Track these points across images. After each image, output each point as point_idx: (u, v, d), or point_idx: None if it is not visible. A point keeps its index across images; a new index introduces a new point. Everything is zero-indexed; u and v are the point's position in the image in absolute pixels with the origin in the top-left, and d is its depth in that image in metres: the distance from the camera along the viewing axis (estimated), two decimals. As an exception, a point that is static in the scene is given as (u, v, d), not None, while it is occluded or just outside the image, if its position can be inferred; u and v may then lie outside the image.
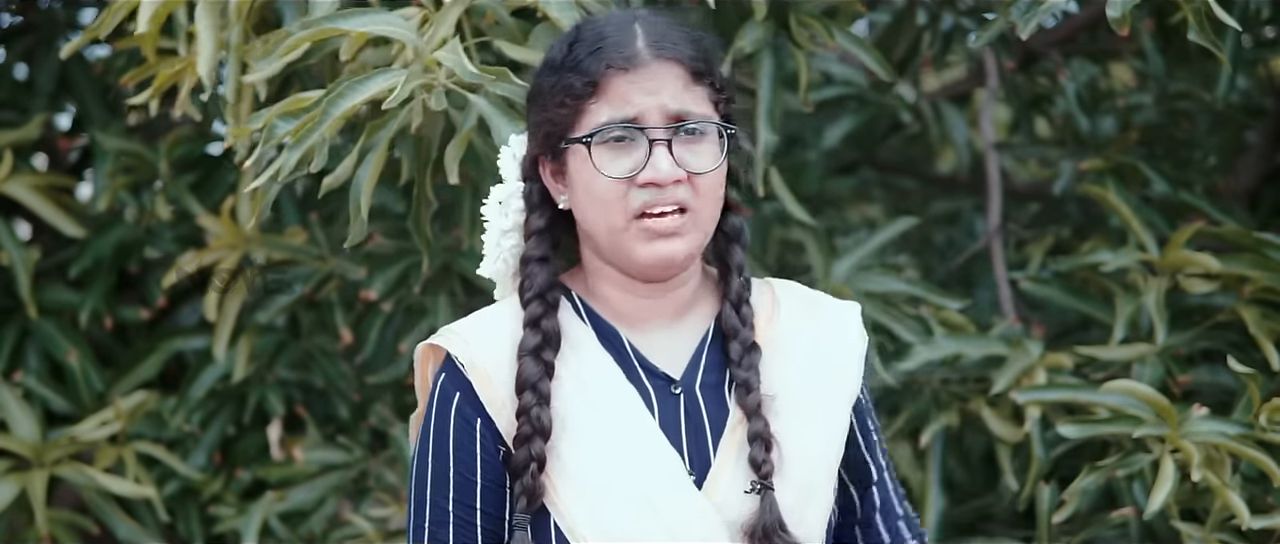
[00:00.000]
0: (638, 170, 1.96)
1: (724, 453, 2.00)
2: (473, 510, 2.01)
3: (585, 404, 2.00)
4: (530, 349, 2.00)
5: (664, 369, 2.04)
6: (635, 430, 1.99)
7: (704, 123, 1.98)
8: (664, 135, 1.96)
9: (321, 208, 3.40)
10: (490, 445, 2.02)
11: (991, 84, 3.69)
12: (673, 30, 2.01)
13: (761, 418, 1.99)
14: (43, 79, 3.68)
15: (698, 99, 2.00)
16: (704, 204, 2.00)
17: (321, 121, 2.24)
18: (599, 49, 1.98)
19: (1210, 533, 2.77)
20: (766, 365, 2.04)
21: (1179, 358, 3.06)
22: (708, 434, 2.01)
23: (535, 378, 1.99)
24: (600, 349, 2.04)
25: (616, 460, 1.98)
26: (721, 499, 1.98)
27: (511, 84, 2.26)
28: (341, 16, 2.34)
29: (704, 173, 1.98)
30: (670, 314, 2.07)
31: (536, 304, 2.03)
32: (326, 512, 3.39)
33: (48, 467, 3.34)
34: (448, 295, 3.27)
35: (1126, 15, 2.43)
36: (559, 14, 2.34)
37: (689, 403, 2.03)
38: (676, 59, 1.98)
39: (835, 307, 2.14)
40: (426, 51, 2.31)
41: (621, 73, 1.97)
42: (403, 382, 3.50)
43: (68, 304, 3.54)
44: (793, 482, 2.00)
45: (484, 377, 2.01)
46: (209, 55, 2.58)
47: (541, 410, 1.98)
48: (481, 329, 2.06)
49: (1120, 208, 3.16)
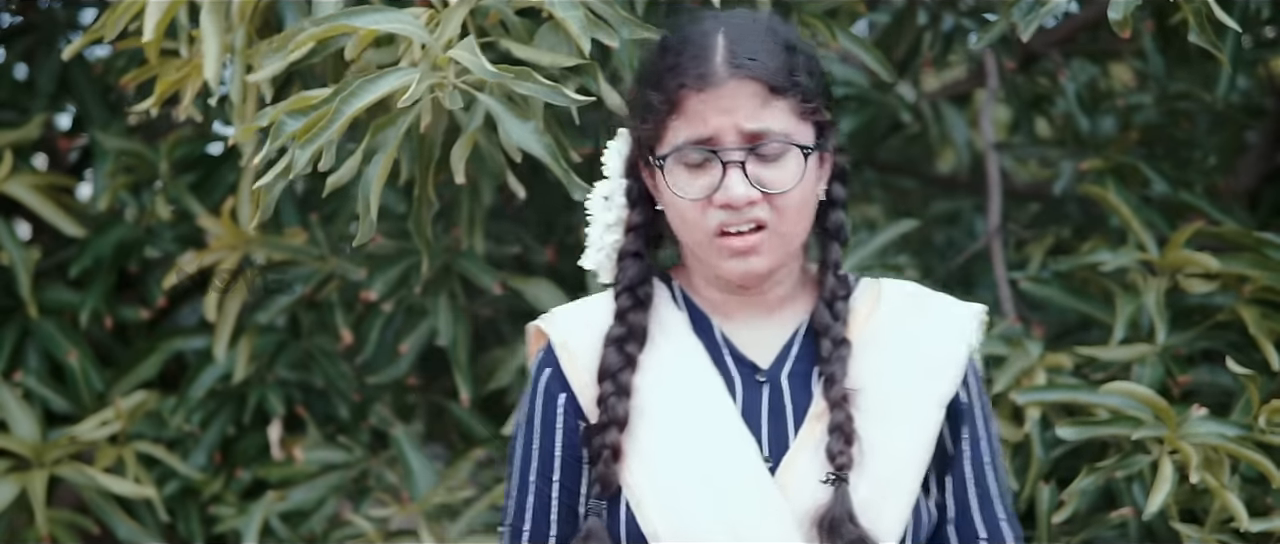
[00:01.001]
0: (712, 191, 1.96)
1: (802, 441, 2.00)
2: (551, 483, 2.07)
3: (667, 389, 2.03)
4: (614, 339, 2.05)
5: (752, 358, 2.05)
6: (714, 416, 2.01)
7: (781, 144, 1.96)
8: (738, 156, 1.95)
9: (322, 208, 3.40)
10: (571, 421, 2.06)
11: (991, 84, 3.69)
12: (757, 41, 1.98)
13: (844, 410, 1.98)
14: (43, 79, 3.68)
15: (778, 114, 1.96)
16: (785, 220, 1.99)
17: (334, 120, 2.24)
18: (677, 66, 1.97)
19: (1209, 534, 2.77)
20: (857, 360, 2.03)
21: (1179, 358, 3.06)
22: (789, 422, 2.02)
23: (615, 368, 2.03)
24: (690, 335, 2.06)
25: (691, 444, 2.00)
26: (795, 487, 1.98)
27: (535, 83, 2.26)
28: (351, 14, 2.34)
29: (782, 192, 1.96)
30: (765, 309, 2.07)
31: (626, 297, 2.07)
32: (327, 512, 3.39)
33: (48, 467, 3.34)
34: (448, 296, 3.27)
35: (1128, 17, 2.43)
36: (564, 14, 2.34)
37: (773, 391, 2.03)
38: (752, 76, 1.95)
39: (945, 307, 2.11)
40: (436, 50, 2.31)
41: (696, 93, 1.96)
42: (403, 382, 3.51)
43: (68, 304, 3.53)
44: (871, 476, 1.99)
45: (571, 356, 2.06)
46: (215, 58, 2.57)
47: (618, 401, 2.01)
48: (577, 312, 2.12)
49: (1120, 208, 3.16)
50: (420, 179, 2.53)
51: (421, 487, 3.33)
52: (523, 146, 2.33)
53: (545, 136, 2.33)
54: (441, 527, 3.29)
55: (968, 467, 2.09)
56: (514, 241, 3.46)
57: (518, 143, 2.33)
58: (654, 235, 2.10)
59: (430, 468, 3.37)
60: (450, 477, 3.34)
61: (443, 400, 3.60)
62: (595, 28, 2.38)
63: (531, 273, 3.42)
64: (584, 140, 3.22)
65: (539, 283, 3.33)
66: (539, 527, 2.07)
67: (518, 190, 2.79)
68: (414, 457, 3.37)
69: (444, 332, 3.26)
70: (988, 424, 2.11)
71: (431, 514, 3.28)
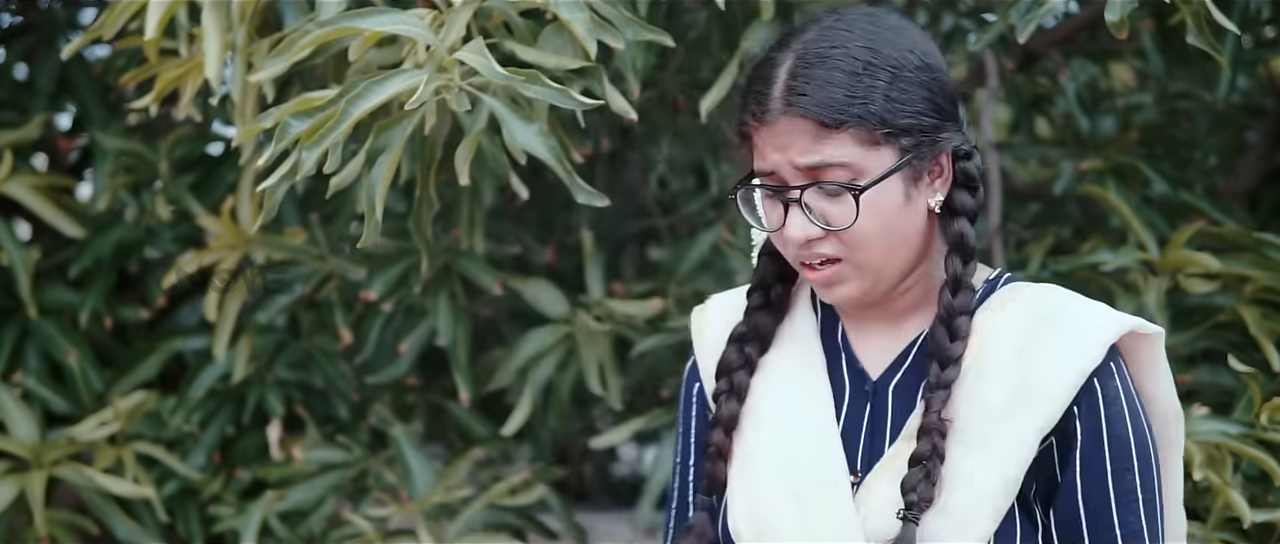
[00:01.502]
0: (779, 227, 1.93)
1: (887, 462, 1.94)
2: (688, 470, 2.10)
3: (778, 393, 2.02)
4: (736, 336, 2.04)
5: (865, 365, 2.00)
6: (814, 425, 1.98)
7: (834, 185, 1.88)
8: (795, 194, 1.89)
9: (322, 208, 3.40)
10: (700, 411, 2.09)
11: (991, 84, 3.69)
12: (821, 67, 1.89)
13: (930, 441, 1.88)
14: (43, 79, 3.68)
15: (840, 145, 1.88)
16: (860, 251, 1.91)
17: (340, 121, 2.23)
18: (746, 96, 1.93)
19: (1211, 532, 2.77)
20: (964, 382, 1.92)
21: (1179, 358, 3.06)
22: (888, 434, 1.96)
23: (732, 367, 2.03)
24: (814, 340, 2.03)
25: (787, 451, 1.98)
26: (872, 507, 1.92)
27: (543, 86, 2.25)
28: (356, 15, 2.33)
29: (841, 230, 1.89)
30: (889, 317, 2.01)
31: (757, 295, 2.05)
32: (326, 511, 3.39)
33: (47, 467, 3.33)
34: (448, 296, 3.27)
35: (1125, 19, 2.42)
36: (569, 15, 2.34)
37: (877, 402, 1.98)
38: (803, 112, 1.87)
39: (1077, 322, 1.94)
40: (441, 51, 2.31)
41: (756, 128, 1.92)
42: (402, 382, 3.50)
43: (67, 304, 3.53)
44: (947, 510, 1.90)
45: (705, 344, 2.08)
46: (216, 57, 2.57)
47: (728, 401, 2.01)
48: (722, 300, 2.12)
49: (1120, 208, 3.16)
50: (422, 179, 2.52)
51: (420, 486, 3.33)
52: (527, 149, 2.32)
53: (549, 138, 2.32)
54: (440, 526, 3.29)
55: (1079, 502, 1.92)
56: (514, 242, 3.46)
57: (522, 145, 2.32)
58: None
59: (429, 468, 3.37)
60: (449, 476, 3.34)
61: (442, 400, 3.60)
62: (600, 29, 2.37)
63: (531, 273, 3.42)
64: (584, 141, 3.22)
65: (539, 283, 3.33)
66: (680, 508, 2.11)
67: (521, 191, 2.79)
68: (413, 456, 3.37)
69: (444, 332, 3.26)
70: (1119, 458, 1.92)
71: (430, 514, 3.28)
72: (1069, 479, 1.92)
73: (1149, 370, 2.00)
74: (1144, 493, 1.93)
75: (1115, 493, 1.92)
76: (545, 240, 3.59)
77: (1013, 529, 1.91)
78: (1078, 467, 1.92)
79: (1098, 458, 1.91)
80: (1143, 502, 1.92)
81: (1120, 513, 1.92)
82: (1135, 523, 1.92)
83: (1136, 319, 1.97)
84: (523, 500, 3.33)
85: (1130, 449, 1.92)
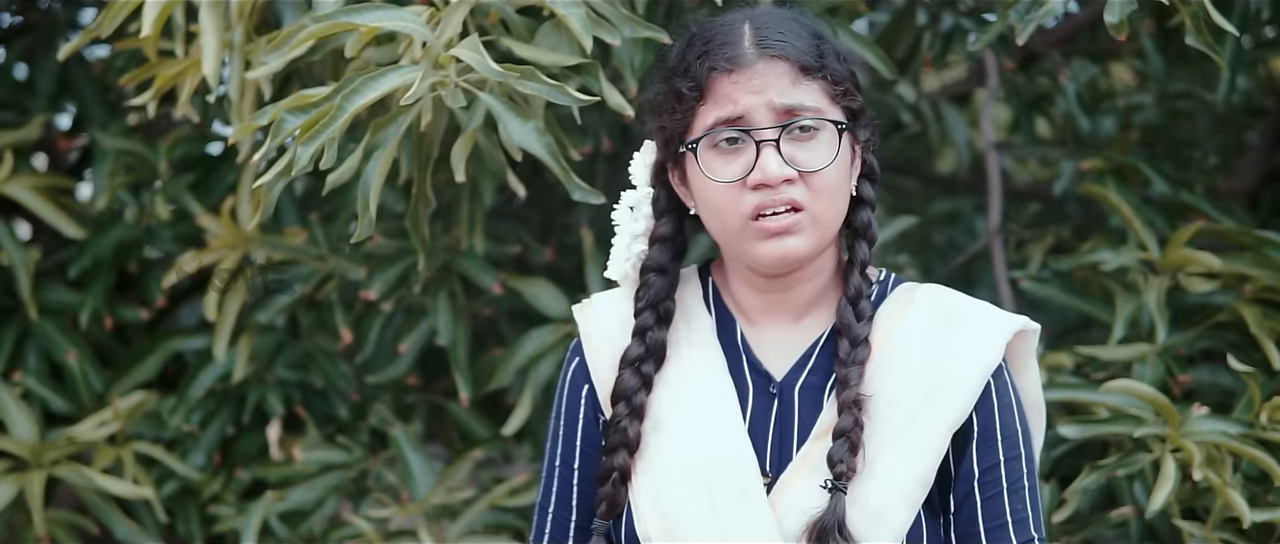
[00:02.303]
0: (746, 172, 1.94)
1: (802, 459, 1.98)
2: (573, 471, 2.10)
3: (682, 397, 2.03)
4: (631, 360, 2.05)
5: (768, 367, 2.04)
6: (719, 427, 2.00)
7: (814, 119, 1.95)
8: (771, 135, 1.94)
9: (321, 207, 3.39)
10: (591, 413, 2.09)
11: (992, 84, 3.69)
12: (784, 25, 1.98)
13: (851, 415, 1.95)
14: (43, 79, 3.68)
15: (810, 93, 1.96)
16: (821, 201, 1.97)
17: (336, 117, 2.23)
18: (706, 52, 1.98)
19: (1211, 532, 2.77)
20: (875, 367, 1.99)
21: (1179, 357, 3.05)
22: (795, 436, 2.00)
23: (630, 391, 2.03)
24: (714, 343, 2.05)
25: (694, 454, 2.00)
26: (789, 502, 1.96)
27: (539, 83, 2.26)
28: (353, 11, 2.33)
29: (816, 171, 1.95)
30: (793, 312, 2.05)
31: (648, 314, 2.06)
32: (326, 511, 3.38)
33: (46, 467, 3.33)
34: (448, 295, 3.27)
35: (1124, 20, 2.43)
36: (566, 12, 2.34)
37: (783, 403, 2.02)
38: (782, 55, 1.95)
39: (976, 322, 2.03)
40: (438, 48, 2.31)
41: (726, 74, 1.96)
42: (402, 382, 3.50)
43: (67, 304, 3.53)
44: (869, 490, 1.96)
45: (594, 348, 2.09)
46: (214, 55, 2.57)
47: (631, 424, 2.02)
48: (607, 303, 2.13)
49: (1121, 207, 3.16)
50: (418, 178, 2.52)
51: (421, 487, 3.32)
52: (523, 146, 2.32)
53: (546, 136, 2.32)
54: (441, 527, 3.28)
55: (976, 490, 2.01)
56: (514, 241, 3.46)
57: (518, 142, 2.32)
58: (680, 247, 2.10)
59: (430, 468, 3.37)
60: (450, 477, 3.33)
61: (442, 400, 3.59)
62: (597, 26, 2.37)
63: (532, 272, 3.42)
64: (584, 139, 3.22)
65: (539, 282, 3.32)
66: (561, 512, 2.11)
67: (518, 189, 2.79)
68: (413, 457, 3.37)
69: (443, 331, 3.26)
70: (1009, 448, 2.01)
71: (431, 514, 3.28)
72: (966, 469, 2.00)
73: (1024, 365, 2.09)
74: (1028, 481, 2.02)
75: (1007, 481, 2.00)
76: (545, 240, 3.59)
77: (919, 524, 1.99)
78: (974, 457, 2.00)
79: (991, 448, 2.00)
80: (1028, 489, 2.02)
81: (1011, 501, 2.00)
82: (1022, 511, 2.00)
83: (1023, 318, 2.06)
84: (523, 501, 3.32)
85: (1018, 439, 2.01)
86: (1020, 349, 2.09)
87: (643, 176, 2.11)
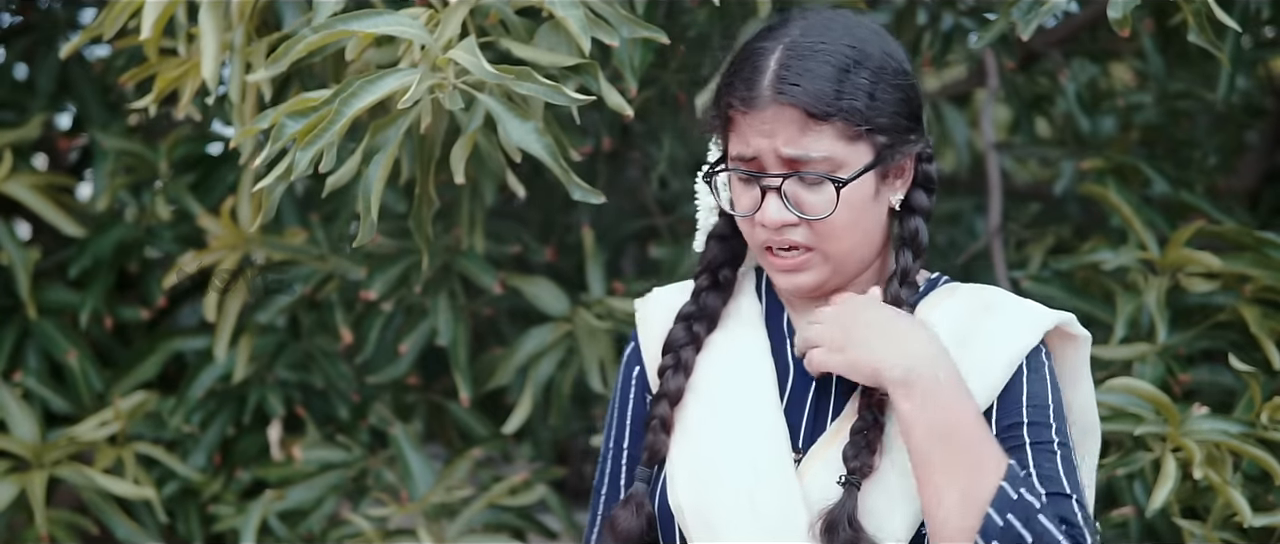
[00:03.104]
0: (754, 210, 1.98)
1: (827, 439, 2.01)
2: (622, 451, 2.15)
3: (723, 372, 2.07)
4: (683, 315, 2.11)
5: None
6: (757, 403, 2.04)
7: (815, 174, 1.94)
8: (774, 182, 1.96)
9: (322, 208, 3.40)
10: (639, 394, 2.15)
11: (992, 84, 3.69)
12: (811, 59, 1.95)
13: (871, 413, 1.97)
14: (43, 79, 3.68)
15: (820, 140, 1.94)
16: (829, 241, 1.98)
17: (335, 121, 2.24)
18: (730, 84, 1.99)
19: (1212, 531, 2.77)
20: None
21: (1180, 357, 3.05)
22: (830, 418, 2.03)
23: (679, 343, 2.09)
24: (759, 325, 2.10)
25: (730, 427, 2.03)
26: (812, 482, 1.99)
27: (536, 84, 2.26)
28: (351, 18, 2.33)
29: (817, 219, 1.96)
30: None
31: (705, 277, 2.13)
32: (326, 511, 3.38)
33: (47, 467, 3.33)
34: (448, 295, 3.27)
35: (1128, 17, 2.42)
36: (564, 13, 2.34)
37: (820, 387, 2.04)
38: (793, 102, 1.93)
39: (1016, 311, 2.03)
40: (436, 50, 2.31)
41: (742, 113, 1.97)
42: (402, 381, 3.50)
43: (68, 304, 3.53)
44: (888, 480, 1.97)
45: (649, 330, 2.15)
46: (213, 57, 2.57)
47: (674, 376, 2.07)
48: (666, 291, 2.19)
49: (1121, 207, 3.16)
50: (421, 179, 2.52)
51: (421, 486, 3.33)
52: (523, 147, 2.32)
53: (545, 136, 2.32)
54: (440, 526, 3.28)
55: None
56: (514, 241, 3.46)
57: (518, 143, 2.32)
58: None
59: (429, 467, 3.37)
60: (449, 476, 3.34)
61: (442, 400, 3.60)
62: (595, 27, 2.37)
63: (532, 272, 3.42)
64: (584, 139, 3.22)
65: (539, 282, 3.32)
66: (612, 491, 2.15)
67: (518, 190, 2.78)
68: (413, 456, 3.37)
69: (444, 331, 3.26)
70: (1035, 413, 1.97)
71: (430, 513, 3.28)
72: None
73: (1072, 378, 2.07)
74: (1062, 451, 1.96)
75: (1030, 438, 1.96)
76: (546, 239, 3.59)
77: None
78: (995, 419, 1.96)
79: (1015, 409, 1.97)
80: (1060, 458, 1.96)
81: (1036, 457, 1.95)
82: (1052, 470, 1.94)
83: (1067, 315, 2.03)
84: (523, 500, 3.33)
85: (1048, 410, 1.98)
86: (1071, 358, 2.07)
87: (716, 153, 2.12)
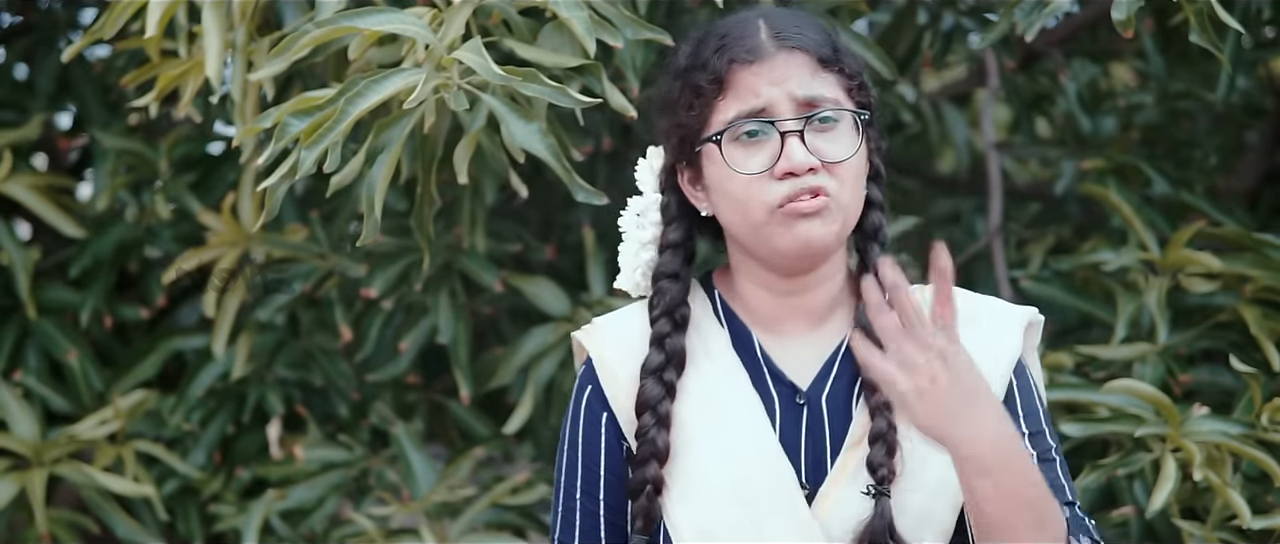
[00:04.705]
0: (772, 163, 1.93)
1: (840, 469, 1.96)
2: (597, 502, 2.04)
3: (707, 412, 1.99)
4: (653, 369, 2.00)
5: (792, 377, 2.01)
6: (752, 440, 1.97)
7: (836, 110, 1.95)
8: (795, 125, 1.93)
9: (322, 206, 3.39)
10: (613, 440, 2.03)
11: (992, 84, 3.69)
12: (797, 21, 1.99)
13: (886, 417, 1.94)
14: (43, 79, 3.68)
15: (828, 85, 1.96)
16: (845, 190, 1.95)
17: (339, 120, 2.23)
18: (723, 47, 1.96)
19: (1211, 532, 2.77)
20: None
21: (1180, 357, 3.06)
22: (827, 446, 1.98)
23: (655, 399, 1.99)
24: (732, 355, 2.02)
25: (729, 469, 1.97)
26: (831, 512, 1.95)
27: (541, 85, 2.25)
28: (355, 15, 2.33)
29: (840, 161, 1.94)
30: (809, 319, 2.03)
31: (664, 322, 2.02)
32: (327, 510, 3.38)
33: (47, 466, 3.33)
34: (448, 294, 3.27)
35: (1132, 17, 2.43)
36: (568, 14, 2.34)
37: (812, 414, 1.99)
38: (801, 47, 1.95)
39: (996, 313, 2.05)
40: (440, 50, 2.31)
41: (746, 66, 1.95)
42: (403, 380, 3.50)
43: (68, 304, 3.53)
44: (922, 484, 1.95)
45: (610, 373, 2.04)
46: (217, 55, 2.57)
47: (659, 433, 1.98)
48: (615, 325, 2.08)
49: (1121, 207, 3.16)
50: (423, 178, 2.52)
51: (422, 485, 3.32)
52: (526, 147, 2.32)
53: (548, 137, 2.32)
54: (442, 525, 3.28)
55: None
56: (515, 239, 3.46)
57: (521, 143, 2.32)
58: (691, 252, 2.07)
59: (431, 466, 3.37)
60: (451, 475, 3.34)
61: (443, 399, 3.60)
62: (599, 28, 2.37)
63: (533, 271, 3.42)
64: (585, 139, 3.22)
65: (540, 281, 3.32)
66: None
67: (520, 189, 2.79)
68: (414, 455, 3.37)
69: (444, 329, 3.26)
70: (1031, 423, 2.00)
71: (432, 512, 3.28)
72: None
73: (1030, 352, 2.09)
74: (1058, 455, 2.01)
75: (1036, 451, 1.98)
76: (546, 238, 3.59)
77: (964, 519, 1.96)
78: None
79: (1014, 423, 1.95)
80: (1058, 463, 2.00)
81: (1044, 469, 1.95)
82: (1058, 480, 1.97)
83: (1031, 309, 2.07)
84: (524, 500, 3.32)
85: (1039, 415, 2.02)
86: (1030, 338, 2.09)
87: (650, 183, 2.09)
